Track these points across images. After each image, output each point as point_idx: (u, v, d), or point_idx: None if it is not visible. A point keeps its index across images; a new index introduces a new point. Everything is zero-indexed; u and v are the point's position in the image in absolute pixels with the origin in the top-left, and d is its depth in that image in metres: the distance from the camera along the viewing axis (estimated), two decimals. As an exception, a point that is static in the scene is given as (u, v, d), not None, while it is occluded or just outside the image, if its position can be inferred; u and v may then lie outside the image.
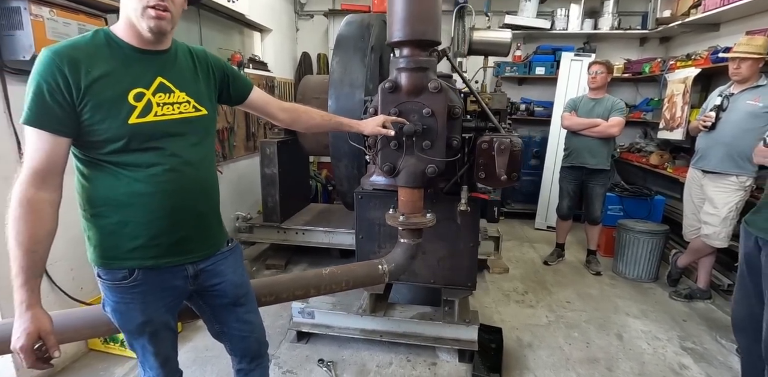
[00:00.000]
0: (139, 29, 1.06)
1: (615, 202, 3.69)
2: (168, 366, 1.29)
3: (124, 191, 1.09)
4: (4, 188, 1.76)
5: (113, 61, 1.06)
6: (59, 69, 0.98)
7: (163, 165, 1.10)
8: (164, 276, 1.16)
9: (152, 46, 1.11)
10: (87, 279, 2.18)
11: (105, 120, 1.03)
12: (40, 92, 0.98)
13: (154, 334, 1.19)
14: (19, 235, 0.98)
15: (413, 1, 1.50)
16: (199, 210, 1.19)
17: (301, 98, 3.16)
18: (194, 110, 1.17)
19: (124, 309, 1.15)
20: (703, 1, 3.54)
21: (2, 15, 1.68)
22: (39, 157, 1.00)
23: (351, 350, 2.28)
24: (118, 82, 1.05)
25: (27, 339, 0.98)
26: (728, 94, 2.59)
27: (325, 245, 3.26)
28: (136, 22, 1.05)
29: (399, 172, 1.68)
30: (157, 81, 1.11)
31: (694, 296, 2.93)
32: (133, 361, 2.13)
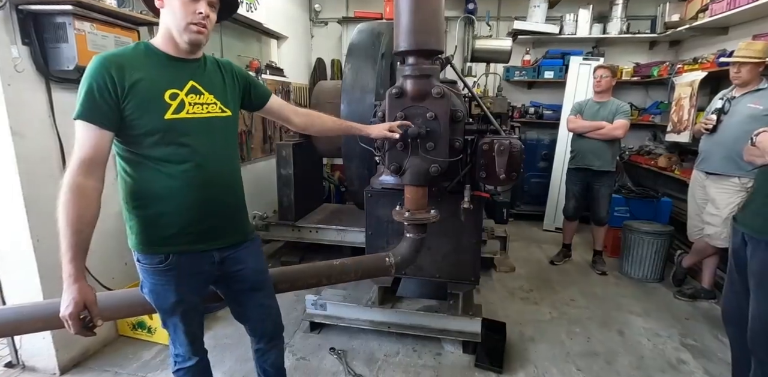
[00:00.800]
0: (179, 41, 1.24)
1: (621, 203, 3.75)
2: (196, 344, 1.45)
3: (161, 185, 1.25)
4: (50, 185, 1.98)
5: (151, 67, 1.23)
6: (108, 72, 1.15)
7: (192, 162, 1.26)
8: (194, 261, 1.32)
9: (186, 56, 1.29)
10: (118, 270, 2.37)
11: (144, 115, 1.20)
12: (91, 91, 1.14)
13: (185, 313, 1.35)
14: (68, 216, 1.12)
15: (417, 15, 1.64)
16: (225, 202, 1.36)
17: (315, 102, 3.32)
18: (220, 111, 1.33)
19: (160, 290, 1.31)
20: (710, 6, 3.60)
21: (49, 30, 1.87)
22: (87, 148, 1.15)
23: (360, 340, 2.41)
24: (155, 83, 1.22)
25: (74, 307, 1.13)
26: (730, 97, 2.65)
27: (337, 243, 3.39)
28: (177, 35, 1.23)
29: (405, 171, 1.82)
30: (189, 84, 1.28)
31: (699, 295, 2.98)
32: (159, 346, 2.30)
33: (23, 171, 1.86)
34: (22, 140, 1.85)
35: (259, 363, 1.67)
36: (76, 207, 1.13)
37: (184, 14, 1.20)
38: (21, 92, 1.84)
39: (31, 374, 2.09)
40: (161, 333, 2.32)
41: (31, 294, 1.97)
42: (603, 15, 4.64)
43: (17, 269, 1.98)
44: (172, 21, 1.22)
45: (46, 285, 1.98)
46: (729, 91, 2.74)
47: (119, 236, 2.34)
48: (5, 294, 2.04)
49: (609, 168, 3.31)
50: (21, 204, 1.88)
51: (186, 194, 1.27)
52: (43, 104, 1.94)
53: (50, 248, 2.00)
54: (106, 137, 1.17)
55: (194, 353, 1.45)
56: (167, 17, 1.23)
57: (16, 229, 1.91)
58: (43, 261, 1.96)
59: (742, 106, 2.59)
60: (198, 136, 1.27)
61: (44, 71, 1.90)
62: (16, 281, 2.00)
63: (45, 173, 1.97)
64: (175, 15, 1.21)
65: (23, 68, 1.83)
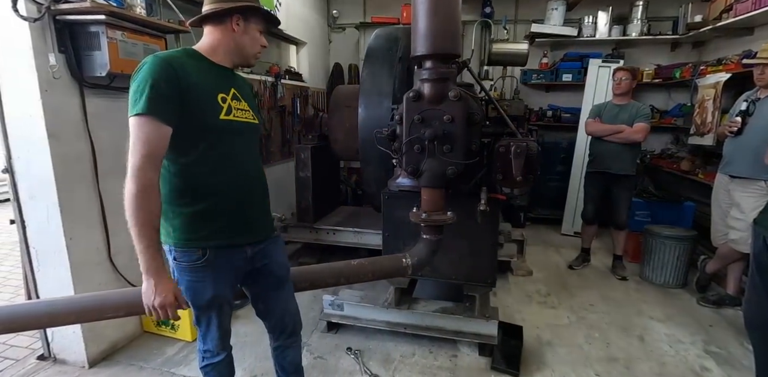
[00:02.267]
0: (239, 61, 1.41)
1: (643, 207, 3.69)
2: (226, 338, 1.53)
3: (209, 182, 1.32)
4: (83, 186, 2.08)
5: (202, 71, 1.31)
6: (172, 69, 1.22)
7: (236, 160, 1.37)
8: (229, 256, 1.38)
9: (230, 66, 1.41)
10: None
11: (205, 113, 1.28)
12: (158, 86, 1.17)
13: (221, 308, 1.42)
14: (144, 212, 1.17)
15: (434, 19, 1.67)
16: (260, 198, 1.48)
17: (333, 107, 3.37)
18: (252, 118, 1.45)
19: (198, 286, 1.36)
20: (735, 6, 3.53)
21: (84, 38, 1.98)
22: (151, 143, 1.18)
23: (377, 340, 2.43)
24: (208, 86, 1.31)
25: (171, 296, 1.24)
26: (754, 99, 2.60)
27: (354, 245, 3.43)
28: (242, 57, 1.40)
29: (422, 173, 1.84)
30: (232, 91, 1.38)
31: (723, 302, 2.90)
32: (182, 343, 2.37)
33: (58, 172, 1.96)
34: (57, 143, 1.95)
35: (278, 360, 1.72)
36: (150, 203, 1.18)
37: (257, 46, 1.41)
38: (57, 98, 1.94)
39: (61, 366, 2.18)
40: (184, 330, 2.39)
41: (63, 289, 2.06)
42: (622, 17, 4.59)
43: (51, 265, 2.07)
44: (247, 47, 1.38)
45: (77, 280, 2.08)
46: (753, 92, 2.68)
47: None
48: (39, 289, 2.14)
49: (628, 172, 3.26)
50: (56, 204, 1.98)
51: (231, 190, 1.35)
52: (77, 108, 2.04)
53: (82, 247, 2.10)
54: (167, 133, 1.21)
55: (223, 348, 1.52)
56: (242, 38, 1.36)
57: (50, 228, 2.01)
58: (75, 259, 2.06)
59: (767, 107, 2.53)
60: (242, 137, 1.38)
61: (78, 78, 2.00)
62: (50, 277, 2.10)
63: (78, 175, 2.07)
64: (253, 44, 1.39)
65: (60, 75, 1.93)
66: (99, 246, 2.18)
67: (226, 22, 1.34)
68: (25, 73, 1.86)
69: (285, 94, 3.96)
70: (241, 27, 1.35)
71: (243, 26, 1.35)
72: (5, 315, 1.43)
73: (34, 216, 2.04)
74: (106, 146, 2.17)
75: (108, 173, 2.18)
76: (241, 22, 1.34)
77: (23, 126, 1.94)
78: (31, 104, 1.89)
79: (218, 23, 1.35)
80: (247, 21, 1.36)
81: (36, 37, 1.84)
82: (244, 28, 1.36)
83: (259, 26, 1.40)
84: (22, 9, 1.78)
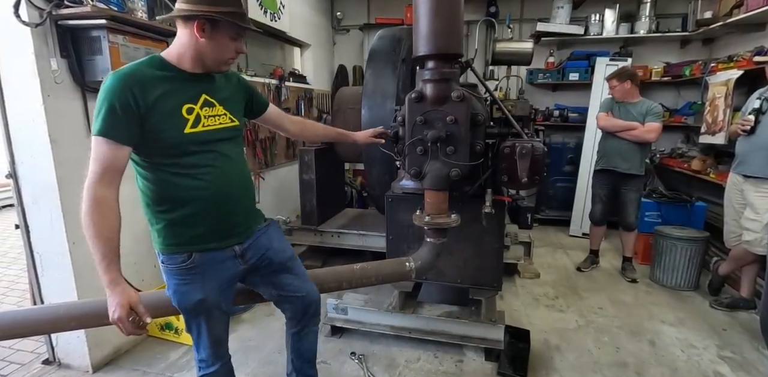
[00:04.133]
0: (211, 67, 1.33)
1: (652, 208, 3.61)
2: (219, 348, 1.48)
3: (185, 190, 1.30)
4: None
5: (167, 82, 1.26)
6: (130, 89, 1.18)
7: (213, 164, 1.33)
8: (216, 256, 1.37)
9: (200, 71, 1.33)
10: (148, 272, 2.45)
11: (166, 130, 1.24)
12: (113, 109, 1.16)
13: (209, 313, 1.39)
14: (96, 227, 1.17)
15: (436, 19, 1.64)
16: (243, 197, 1.44)
17: (336, 108, 3.35)
18: (230, 120, 1.40)
19: (183, 289, 1.35)
20: (746, 1, 3.45)
21: (85, 43, 1.98)
22: (106, 162, 1.18)
23: (381, 345, 2.40)
24: (173, 99, 1.26)
25: (121, 310, 1.19)
26: (767, 96, 2.53)
27: (358, 248, 3.40)
28: (214, 64, 1.32)
29: (425, 175, 1.81)
30: (203, 98, 1.33)
31: (737, 305, 2.83)
32: (186, 347, 2.36)
33: (60, 176, 1.96)
34: (60, 148, 1.95)
35: (294, 346, 1.72)
36: (102, 217, 1.18)
37: (227, 53, 1.32)
38: (59, 102, 1.94)
39: (66, 371, 2.19)
40: (187, 335, 2.37)
41: (66, 292, 2.06)
42: (630, 14, 4.52)
43: (54, 269, 2.08)
44: (213, 53, 1.29)
45: (81, 284, 2.08)
46: (766, 90, 2.61)
47: (148, 239, 2.43)
48: (43, 293, 2.14)
49: (636, 172, 3.20)
50: (59, 208, 1.98)
51: (211, 194, 1.33)
52: (79, 113, 2.04)
53: (85, 250, 2.08)
54: (125, 152, 1.21)
55: (217, 358, 1.48)
56: (207, 46, 1.27)
57: (54, 232, 2.01)
58: (78, 262, 2.06)
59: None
60: (215, 144, 1.34)
61: (80, 82, 2.01)
62: (54, 281, 2.10)
63: (80, 179, 2.04)
64: (221, 52, 1.30)
65: (62, 80, 1.93)
66: (102, 250, 2.18)
67: (190, 27, 1.26)
68: (27, 78, 1.86)
69: (289, 96, 3.95)
70: (207, 33, 1.25)
71: (209, 33, 1.25)
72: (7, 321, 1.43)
73: (37, 221, 2.04)
74: (109, 150, 2.17)
75: (111, 178, 2.19)
76: (206, 28, 1.25)
77: (26, 131, 1.94)
78: (34, 109, 1.89)
79: (184, 28, 1.28)
80: (214, 27, 1.26)
81: (38, 42, 1.84)
82: (210, 35, 1.26)
83: (230, 33, 1.29)
84: (24, 14, 1.78)
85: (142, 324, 1.24)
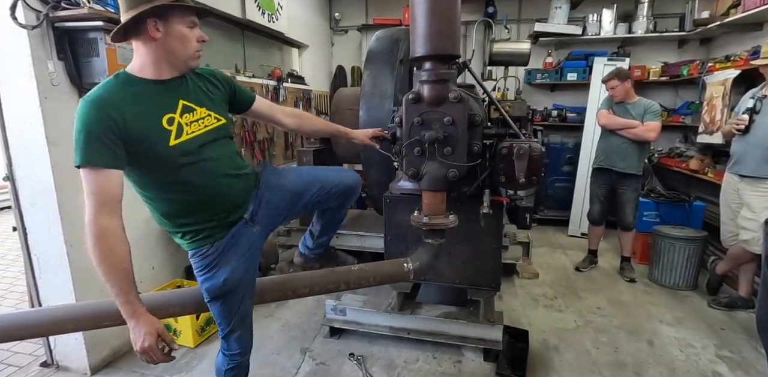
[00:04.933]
0: (181, 68, 1.28)
1: (651, 208, 3.62)
2: (249, 336, 1.51)
3: (188, 204, 1.32)
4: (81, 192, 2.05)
5: (140, 97, 1.21)
6: (106, 114, 1.13)
7: (212, 168, 1.32)
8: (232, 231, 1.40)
9: (170, 76, 1.27)
10: (146, 274, 2.46)
11: (150, 147, 1.20)
12: (91, 136, 1.12)
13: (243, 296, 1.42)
14: (107, 260, 1.15)
15: (433, 20, 1.64)
16: (242, 186, 1.43)
17: (335, 109, 3.35)
18: (216, 120, 1.36)
19: (211, 274, 1.36)
20: (743, 1, 3.46)
21: (82, 45, 1.98)
22: (102, 191, 1.14)
23: (380, 346, 2.40)
24: (150, 113, 1.21)
25: (150, 339, 1.20)
26: (761, 96, 2.54)
27: (357, 249, 3.39)
28: (182, 62, 1.26)
29: (422, 176, 1.81)
30: (180, 104, 1.28)
31: (735, 304, 2.83)
32: (185, 349, 2.36)
33: (58, 179, 1.96)
34: (57, 150, 1.95)
35: (324, 217, 1.88)
36: (111, 249, 1.16)
37: (192, 44, 1.25)
38: (56, 104, 1.94)
39: (64, 373, 2.18)
40: (186, 336, 2.38)
41: (64, 294, 2.06)
42: (628, 14, 4.52)
43: (52, 271, 2.07)
44: (178, 50, 1.23)
45: (79, 286, 2.08)
46: (759, 89, 2.62)
47: (146, 241, 2.44)
48: (41, 295, 2.14)
49: (634, 171, 3.20)
50: (56, 211, 1.98)
51: (218, 196, 1.35)
52: (77, 115, 2.04)
53: (82, 253, 2.09)
54: (116, 176, 1.17)
55: (246, 346, 1.51)
56: (171, 43, 1.22)
57: (51, 235, 2.01)
58: (75, 265, 2.06)
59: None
60: (201, 153, 1.30)
61: (77, 84, 2.01)
62: (52, 283, 2.10)
63: (78, 181, 2.04)
64: (185, 45, 1.24)
65: (59, 82, 1.93)
66: (100, 252, 2.18)
67: (143, 30, 1.19)
68: (24, 80, 1.86)
69: (288, 97, 3.95)
70: (162, 30, 1.19)
71: (163, 29, 1.19)
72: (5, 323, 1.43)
73: (35, 223, 2.04)
74: (107, 152, 2.18)
75: (108, 179, 2.18)
76: (159, 25, 1.19)
77: (23, 133, 1.94)
78: (31, 111, 1.89)
79: (138, 34, 1.21)
80: (166, 21, 1.19)
81: (35, 44, 1.84)
82: (166, 31, 1.20)
83: (184, 22, 1.23)
84: (21, 16, 1.78)
85: (169, 350, 1.25)
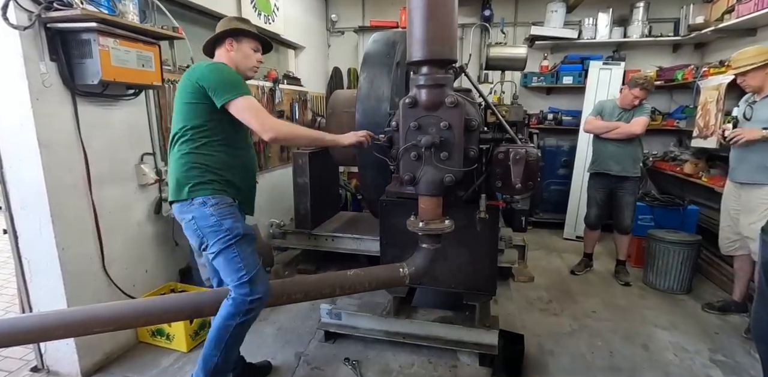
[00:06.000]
0: (242, 73, 1.87)
1: (645, 211, 3.63)
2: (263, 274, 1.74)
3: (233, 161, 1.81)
4: (75, 195, 2.05)
5: None
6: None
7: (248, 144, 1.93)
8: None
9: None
10: (139, 277, 2.42)
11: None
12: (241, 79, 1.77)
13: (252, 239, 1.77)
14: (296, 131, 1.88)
15: (430, 25, 1.63)
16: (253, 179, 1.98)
17: (331, 111, 3.33)
18: None
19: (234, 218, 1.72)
20: (737, 7, 3.49)
21: (75, 46, 1.95)
22: (262, 108, 1.75)
23: (375, 350, 2.39)
24: None
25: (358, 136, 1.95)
26: (751, 102, 2.57)
27: (353, 252, 3.39)
28: (243, 70, 1.87)
29: (418, 181, 1.80)
30: None
31: (729, 308, 2.84)
32: (177, 353, 2.33)
33: (50, 182, 1.93)
34: (49, 152, 1.92)
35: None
36: (292, 128, 1.86)
37: (251, 61, 1.89)
38: (48, 106, 1.91)
39: (54, 379, 2.15)
40: (179, 340, 2.35)
41: (55, 298, 2.03)
42: (623, 18, 4.55)
43: (43, 275, 2.04)
44: (243, 61, 1.86)
45: (70, 290, 2.04)
46: (751, 95, 2.64)
47: (139, 244, 2.42)
48: (32, 299, 2.11)
49: (630, 174, 3.21)
50: (48, 213, 1.95)
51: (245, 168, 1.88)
52: (69, 117, 2.01)
53: (75, 257, 2.07)
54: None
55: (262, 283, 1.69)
56: (238, 56, 1.85)
57: (42, 238, 1.98)
58: (67, 269, 2.03)
59: (763, 111, 2.49)
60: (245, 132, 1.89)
61: (70, 86, 1.98)
62: (43, 287, 2.06)
63: (71, 184, 2.04)
64: (246, 60, 1.87)
65: (51, 83, 1.90)
66: (92, 256, 2.15)
67: (223, 44, 1.82)
68: (15, 81, 1.83)
69: (283, 99, 3.93)
70: (234, 47, 1.82)
71: (236, 46, 1.82)
72: (-7, 329, 1.40)
73: (26, 226, 2.01)
74: (99, 155, 2.15)
75: (101, 183, 2.16)
76: (234, 43, 1.82)
77: (14, 135, 1.90)
78: (22, 112, 1.86)
79: (219, 46, 1.85)
80: (239, 42, 1.83)
81: (26, 45, 1.81)
82: (237, 48, 1.82)
83: (251, 44, 1.85)
84: (12, 17, 1.75)
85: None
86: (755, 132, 2.43)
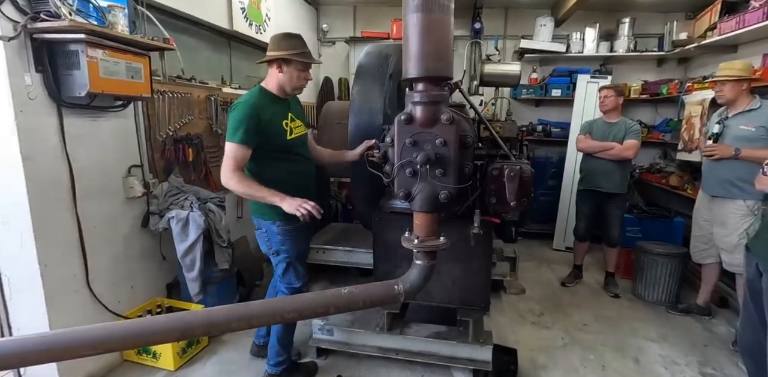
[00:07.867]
0: (288, 91, 2.03)
1: (634, 224, 3.68)
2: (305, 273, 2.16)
3: (283, 176, 1.97)
4: (59, 209, 1.99)
5: (271, 105, 1.96)
6: (256, 112, 1.87)
7: (298, 160, 2.06)
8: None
9: (283, 96, 2.04)
10: (124, 294, 2.35)
11: (276, 138, 1.95)
12: (248, 125, 1.83)
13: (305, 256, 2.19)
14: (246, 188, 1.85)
15: (426, 42, 1.63)
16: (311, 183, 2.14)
17: (323, 123, 3.33)
18: (305, 129, 2.11)
19: (293, 240, 2.03)
20: (719, 25, 3.59)
21: (62, 57, 1.90)
22: (240, 159, 1.84)
23: (368, 366, 2.35)
24: (277, 117, 1.97)
25: (299, 202, 1.80)
26: (723, 118, 2.63)
27: (344, 264, 3.35)
28: (290, 89, 2.02)
29: (414, 197, 1.79)
30: (289, 114, 2.03)
31: (692, 310, 2.97)
32: (164, 372, 2.26)
33: (33, 196, 1.87)
34: (32, 165, 1.86)
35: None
36: (244, 183, 1.85)
37: (300, 80, 2.01)
38: (33, 118, 1.85)
39: (33, 401, 2.06)
40: (165, 358, 2.28)
41: (37, 317, 1.96)
42: (610, 33, 4.66)
43: (24, 294, 1.96)
44: (289, 83, 1.99)
45: (53, 309, 1.97)
46: (724, 110, 2.70)
47: (125, 260, 2.35)
48: (12, 318, 2.02)
49: (619, 191, 3.26)
50: (30, 229, 1.88)
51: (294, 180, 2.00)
52: (55, 129, 1.96)
53: (58, 274, 2.00)
54: (250, 151, 1.87)
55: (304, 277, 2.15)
56: (284, 78, 1.98)
57: (24, 255, 1.91)
58: (50, 287, 1.95)
59: (734, 128, 2.56)
60: (299, 146, 2.07)
61: (56, 98, 1.93)
62: (23, 306, 1.98)
63: (54, 198, 1.98)
64: (293, 81, 1.99)
65: (36, 95, 1.85)
66: (76, 273, 2.08)
67: (273, 66, 1.97)
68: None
69: (274, 108, 3.90)
70: (283, 69, 1.96)
71: (285, 69, 1.96)
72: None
73: (6, 242, 1.93)
74: (85, 168, 2.09)
75: (87, 196, 2.10)
76: (283, 66, 1.96)
77: (-4, 148, 1.84)
78: (5, 125, 1.80)
79: (270, 66, 1.99)
80: (288, 65, 1.95)
81: (11, 56, 1.76)
82: (285, 70, 1.96)
83: (299, 66, 1.97)
84: (-3, 28, 1.71)
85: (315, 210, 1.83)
86: (727, 150, 2.50)
